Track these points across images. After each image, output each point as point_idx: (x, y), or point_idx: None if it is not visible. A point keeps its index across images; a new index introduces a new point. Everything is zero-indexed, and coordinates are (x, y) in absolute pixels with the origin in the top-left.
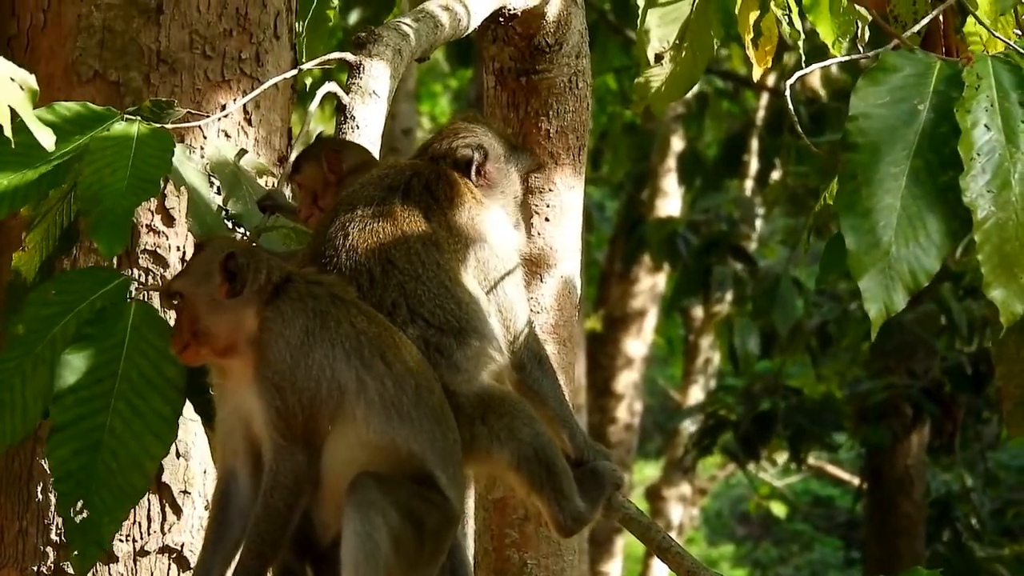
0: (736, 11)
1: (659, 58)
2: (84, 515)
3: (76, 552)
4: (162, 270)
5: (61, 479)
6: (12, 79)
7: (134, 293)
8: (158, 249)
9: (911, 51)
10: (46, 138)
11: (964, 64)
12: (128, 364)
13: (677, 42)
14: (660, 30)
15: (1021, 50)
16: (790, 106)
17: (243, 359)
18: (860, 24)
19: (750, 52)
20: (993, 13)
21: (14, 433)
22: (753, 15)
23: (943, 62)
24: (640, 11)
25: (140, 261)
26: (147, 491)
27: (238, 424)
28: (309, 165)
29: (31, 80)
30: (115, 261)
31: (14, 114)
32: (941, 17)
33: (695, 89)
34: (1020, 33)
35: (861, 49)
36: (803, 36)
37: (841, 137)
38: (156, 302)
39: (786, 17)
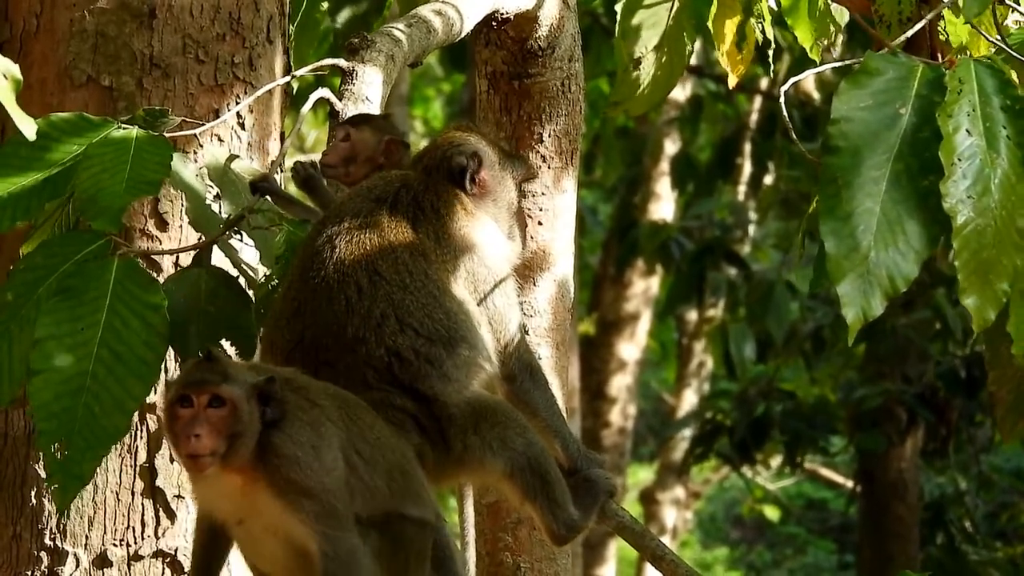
0: (711, 20)
1: (637, 63)
2: (65, 452)
3: (57, 485)
4: (156, 274)
5: (43, 419)
6: None
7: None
8: (148, 255)
9: (894, 54)
10: (28, 128)
11: (947, 67)
12: (111, 314)
13: (655, 47)
14: (639, 35)
15: (1009, 49)
16: (783, 112)
17: (245, 475)
18: (834, 30)
19: (724, 60)
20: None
21: (1, 396)
22: (730, 23)
23: (925, 66)
24: (619, 17)
25: None
26: (129, 430)
27: (208, 512)
28: (372, 132)
29: (15, 69)
30: None
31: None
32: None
33: (688, 92)
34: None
35: (834, 54)
36: (774, 44)
37: (822, 140)
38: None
39: (759, 24)
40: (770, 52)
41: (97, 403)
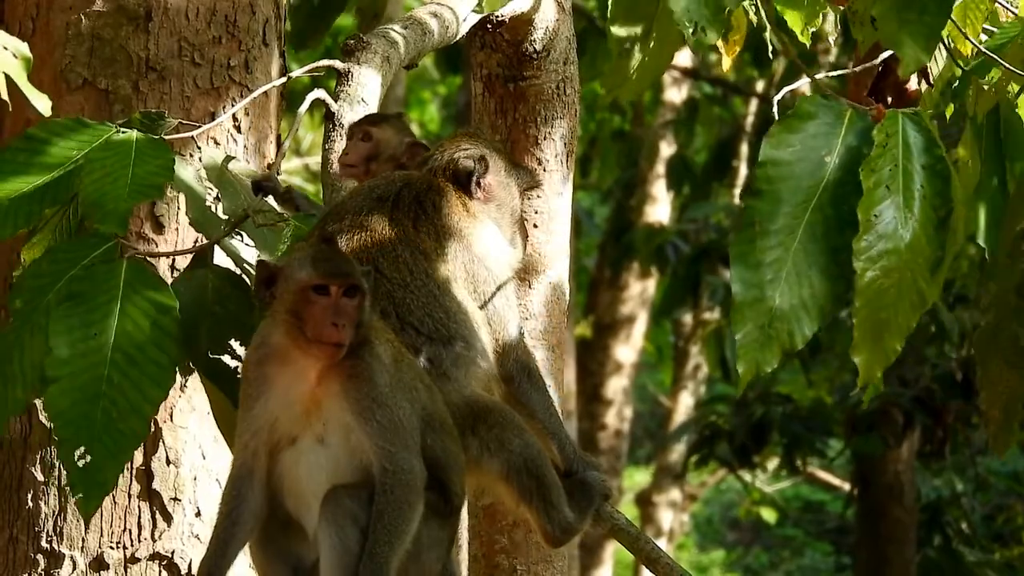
0: None
1: (628, 49)
2: (87, 460)
3: (81, 495)
4: None
5: (62, 427)
6: (5, 47)
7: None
8: (147, 257)
9: (826, 97)
10: (42, 105)
11: (874, 115)
12: (123, 318)
13: (645, 33)
14: (629, 21)
15: (988, 53)
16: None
17: (327, 375)
18: (833, 16)
19: (719, 44)
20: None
21: (15, 404)
22: None
23: (853, 111)
24: (610, 2)
25: None
26: (148, 434)
27: (267, 425)
28: (394, 131)
29: (24, 48)
30: None
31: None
32: None
33: (684, 95)
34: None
35: (832, 42)
36: (770, 28)
37: (747, 184)
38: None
39: (753, 6)
40: (767, 36)
41: (115, 408)
